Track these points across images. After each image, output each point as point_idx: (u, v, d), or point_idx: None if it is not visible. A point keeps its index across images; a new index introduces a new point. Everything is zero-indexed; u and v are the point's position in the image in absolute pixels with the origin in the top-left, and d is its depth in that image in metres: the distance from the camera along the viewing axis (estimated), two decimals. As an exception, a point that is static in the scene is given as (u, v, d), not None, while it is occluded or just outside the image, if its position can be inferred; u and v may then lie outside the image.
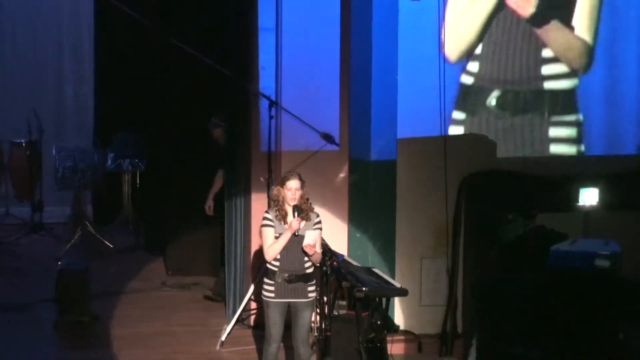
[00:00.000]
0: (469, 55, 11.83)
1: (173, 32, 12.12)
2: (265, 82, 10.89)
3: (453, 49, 11.64)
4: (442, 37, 11.13)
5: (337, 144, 10.79)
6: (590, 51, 12.15)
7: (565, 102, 12.13)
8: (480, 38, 11.88)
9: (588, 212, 10.97)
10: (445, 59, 11.35)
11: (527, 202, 11.04)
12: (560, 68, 12.11)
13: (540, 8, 11.97)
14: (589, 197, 10.93)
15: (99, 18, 14.48)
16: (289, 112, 10.69)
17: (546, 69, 12.06)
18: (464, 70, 11.74)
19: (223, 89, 11.54)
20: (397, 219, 11.03)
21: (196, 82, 12.51)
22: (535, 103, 12.01)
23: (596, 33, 12.17)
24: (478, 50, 11.82)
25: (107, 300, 11.56)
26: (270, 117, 10.62)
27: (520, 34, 12.14)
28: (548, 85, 12.05)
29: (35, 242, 13.90)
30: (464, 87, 11.72)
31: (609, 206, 11.03)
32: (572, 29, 12.21)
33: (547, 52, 12.06)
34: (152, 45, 12.98)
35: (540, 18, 12.00)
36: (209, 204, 11.89)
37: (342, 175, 11.05)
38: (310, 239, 8.94)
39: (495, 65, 12.01)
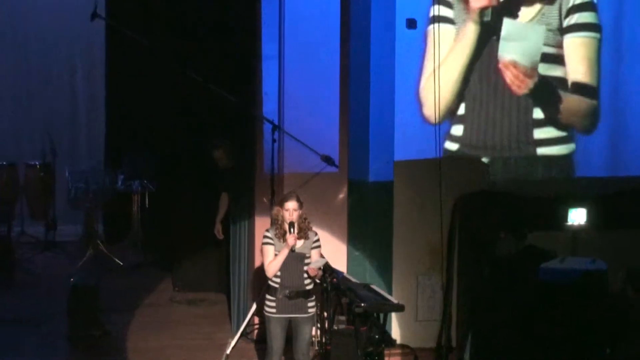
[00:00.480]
0: (451, 116, 11.47)
1: (182, 59, 12.15)
2: (269, 107, 10.88)
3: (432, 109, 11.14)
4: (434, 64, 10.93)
5: (336, 166, 10.77)
6: (595, 111, 11.91)
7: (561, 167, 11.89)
8: (460, 95, 11.53)
9: (576, 232, 10.94)
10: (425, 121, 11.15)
11: (518, 222, 10.98)
12: (554, 132, 11.80)
13: (536, 86, 11.72)
14: (577, 216, 10.91)
15: (110, 46, 14.49)
16: (291, 136, 10.69)
17: (539, 133, 11.73)
18: (447, 135, 11.45)
19: (229, 113, 11.58)
20: (394, 237, 11.02)
21: (203, 107, 12.49)
22: (527, 170, 11.67)
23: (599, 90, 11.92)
24: (461, 110, 11.51)
25: (118, 315, 11.53)
26: (274, 141, 10.59)
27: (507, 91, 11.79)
28: (541, 151, 11.71)
29: (48, 259, 13.87)
30: (448, 153, 11.36)
31: (596, 226, 10.99)
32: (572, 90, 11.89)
33: (538, 113, 11.73)
34: (162, 72, 12.94)
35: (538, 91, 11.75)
36: (217, 227, 11.91)
37: (341, 195, 11.01)
38: (317, 264, 9.07)
39: (480, 128, 11.67)
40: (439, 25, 11.00)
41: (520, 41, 11.61)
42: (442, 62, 11.02)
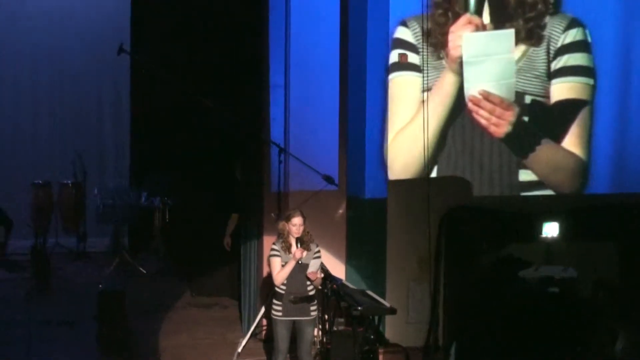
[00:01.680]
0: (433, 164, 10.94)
1: (199, 87, 12.07)
2: (276, 131, 10.85)
3: (401, 172, 10.92)
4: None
5: (336, 185, 10.72)
6: (584, 170, 11.27)
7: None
8: (433, 158, 10.86)
9: (550, 243, 10.85)
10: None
11: (498, 234, 10.95)
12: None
13: (520, 125, 10.94)
14: (550, 230, 10.83)
15: (135, 76, 14.46)
16: (296, 158, 10.67)
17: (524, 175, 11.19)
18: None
19: (241, 137, 11.56)
20: (387, 248, 10.95)
21: (218, 131, 12.42)
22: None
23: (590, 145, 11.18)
24: (433, 174, 10.96)
25: (141, 318, 11.51)
26: (280, 162, 10.60)
27: (486, 148, 11.07)
28: (526, 192, 11.23)
29: (79, 268, 13.84)
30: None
31: (568, 238, 10.90)
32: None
33: (527, 175, 11.22)
34: (181, 99, 12.87)
35: (524, 139, 11.00)
36: (227, 241, 11.90)
37: (340, 211, 11.01)
38: (314, 267, 9.08)
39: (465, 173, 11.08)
40: (401, 74, 10.68)
41: (486, 62, 10.84)
42: (414, 118, 10.61)
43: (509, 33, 10.79)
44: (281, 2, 10.75)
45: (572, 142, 11.14)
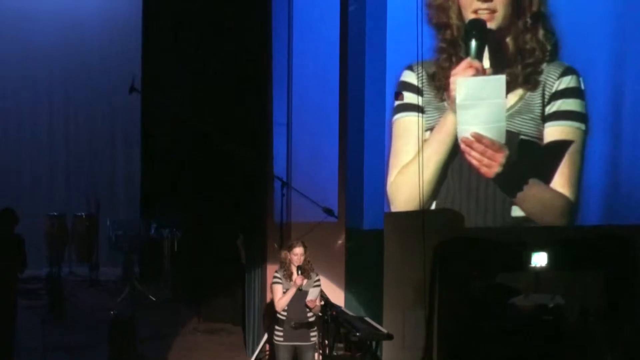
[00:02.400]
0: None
1: (206, 124, 12.19)
2: (279, 166, 10.86)
3: (404, 205, 10.90)
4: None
5: (335, 217, 10.71)
6: (572, 209, 11.27)
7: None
8: (433, 192, 10.97)
9: (538, 272, 10.83)
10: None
11: (488, 264, 10.95)
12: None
13: (509, 166, 10.97)
14: (539, 259, 10.80)
15: (145, 113, 14.53)
16: (297, 191, 10.70)
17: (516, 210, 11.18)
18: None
19: (246, 171, 11.56)
20: (384, 277, 10.95)
21: (224, 166, 12.39)
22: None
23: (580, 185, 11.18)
24: (432, 207, 11.01)
25: (151, 343, 11.51)
26: (282, 195, 10.64)
27: (482, 184, 11.08)
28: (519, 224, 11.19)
29: (92, 296, 13.85)
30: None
31: (556, 267, 10.87)
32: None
33: (519, 211, 11.23)
34: (189, 136, 12.98)
35: (513, 179, 11.01)
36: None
37: (339, 242, 10.99)
38: (312, 296, 9.10)
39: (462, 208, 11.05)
40: (405, 114, 10.74)
41: (479, 106, 10.90)
42: (416, 156, 10.63)
43: (501, 79, 10.87)
44: (283, 46, 10.79)
45: (561, 182, 11.17)
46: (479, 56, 10.91)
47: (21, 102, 15.32)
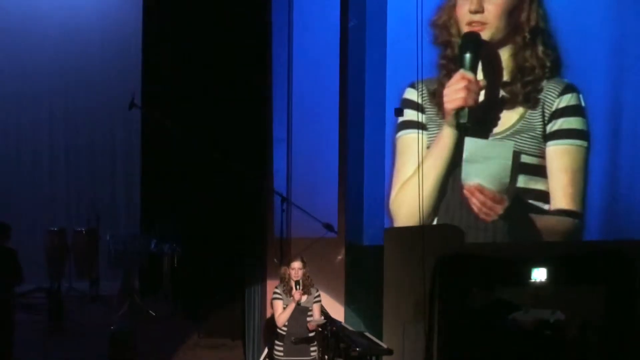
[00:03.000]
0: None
1: (207, 141, 12.11)
2: (279, 182, 10.82)
3: (406, 220, 10.95)
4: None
5: (335, 232, 10.69)
6: (576, 227, 11.30)
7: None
8: (434, 208, 11.05)
9: (538, 287, 10.87)
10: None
11: (488, 279, 10.96)
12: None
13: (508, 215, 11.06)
14: (539, 275, 10.87)
15: (145, 128, 14.48)
16: (298, 206, 10.66)
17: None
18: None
19: (246, 188, 11.49)
20: (384, 292, 10.97)
21: (224, 182, 12.29)
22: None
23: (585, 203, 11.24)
24: (434, 222, 11.09)
25: (151, 358, 11.47)
26: (283, 210, 10.56)
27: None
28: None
29: (92, 311, 13.77)
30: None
31: (555, 283, 10.92)
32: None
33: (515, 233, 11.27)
34: (190, 153, 12.83)
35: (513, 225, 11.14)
36: None
37: (339, 257, 10.95)
38: (315, 322, 9.15)
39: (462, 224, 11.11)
40: (408, 132, 10.79)
41: (484, 162, 11.01)
42: (416, 172, 10.63)
43: (509, 144, 10.98)
44: (283, 63, 10.77)
45: (565, 202, 11.24)
46: (472, 68, 10.96)
47: (21, 117, 15.29)
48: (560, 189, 11.22)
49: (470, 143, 10.85)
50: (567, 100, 11.08)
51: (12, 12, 14.92)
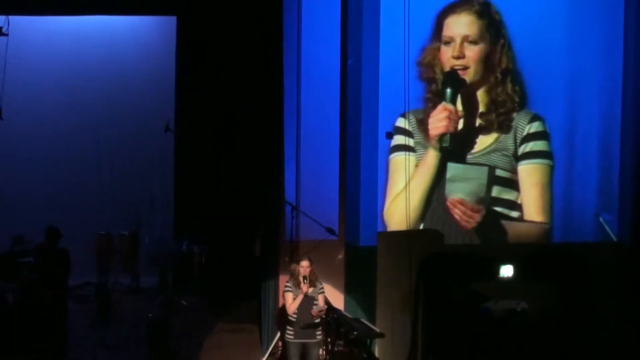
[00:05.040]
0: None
1: (230, 159, 12.38)
2: (289, 193, 10.91)
3: (397, 226, 10.78)
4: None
5: (336, 235, 10.77)
6: (546, 233, 11.25)
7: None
8: (422, 215, 10.93)
9: (506, 281, 10.75)
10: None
11: (465, 274, 10.83)
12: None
13: (485, 222, 10.98)
14: (506, 271, 10.74)
15: (178, 148, 14.42)
16: (305, 214, 10.76)
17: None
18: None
19: (261, 198, 11.65)
20: (377, 285, 11.00)
21: (243, 194, 12.45)
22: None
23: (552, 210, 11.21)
24: (420, 227, 10.95)
25: (183, 341, 11.50)
26: (292, 217, 10.75)
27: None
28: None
29: (133, 302, 13.79)
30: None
31: (520, 277, 10.78)
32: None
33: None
34: (214, 169, 13.02)
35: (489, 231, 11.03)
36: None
37: (340, 256, 11.03)
38: (318, 308, 9.30)
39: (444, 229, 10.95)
40: (399, 154, 10.80)
41: (464, 182, 11.04)
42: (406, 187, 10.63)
43: (484, 169, 11.07)
44: (293, 95, 10.88)
45: (535, 212, 11.27)
46: (452, 101, 11.04)
47: (74, 141, 15.29)
48: (532, 201, 11.28)
49: (452, 167, 10.98)
50: (535, 127, 11.21)
51: (62, 54, 14.98)
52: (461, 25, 11.05)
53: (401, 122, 11.06)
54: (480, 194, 11.02)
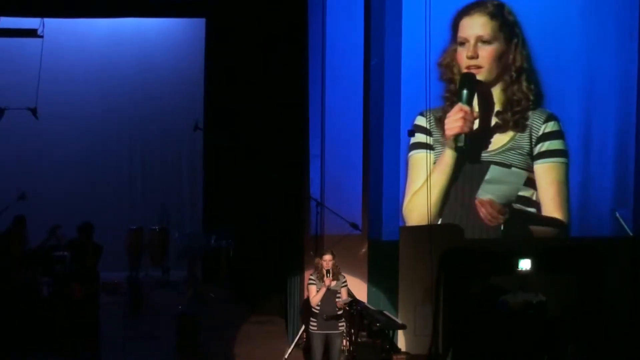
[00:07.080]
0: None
1: (256, 156, 12.38)
2: (314, 190, 10.94)
3: (417, 221, 10.86)
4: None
5: (360, 230, 10.75)
6: (563, 228, 11.22)
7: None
8: (440, 211, 10.96)
9: (524, 275, 10.81)
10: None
11: (484, 268, 10.97)
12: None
13: (509, 222, 11.02)
14: (525, 264, 10.81)
15: (207, 147, 14.40)
16: (329, 209, 10.78)
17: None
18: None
19: (287, 194, 11.68)
20: (399, 278, 11.02)
21: (269, 190, 12.45)
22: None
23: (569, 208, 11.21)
24: (439, 222, 10.95)
25: (212, 332, 11.48)
26: (317, 213, 10.76)
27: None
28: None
29: (163, 294, 13.81)
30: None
31: (538, 271, 10.87)
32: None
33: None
34: (243, 165, 12.99)
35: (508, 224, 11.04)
36: None
37: (363, 250, 11.02)
38: (343, 302, 9.31)
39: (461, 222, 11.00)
40: (418, 151, 10.86)
41: (501, 184, 11.07)
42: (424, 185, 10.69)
43: (524, 174, 11.12)
44: (318, 94, 10.92)
45: (553, 208, 11.26)
46: (469, 102, 11.07)
47: (108, 141, 15.36)
48: (549, 199, 11.27)
49: (494, 170, 11.03)
50: (550, 126, 11.20)
51: (95, 55, 15.03)
52: (475, 26, 11.08)
53: (421, 121, 11.11)
54: (511, 197, 11.10)
